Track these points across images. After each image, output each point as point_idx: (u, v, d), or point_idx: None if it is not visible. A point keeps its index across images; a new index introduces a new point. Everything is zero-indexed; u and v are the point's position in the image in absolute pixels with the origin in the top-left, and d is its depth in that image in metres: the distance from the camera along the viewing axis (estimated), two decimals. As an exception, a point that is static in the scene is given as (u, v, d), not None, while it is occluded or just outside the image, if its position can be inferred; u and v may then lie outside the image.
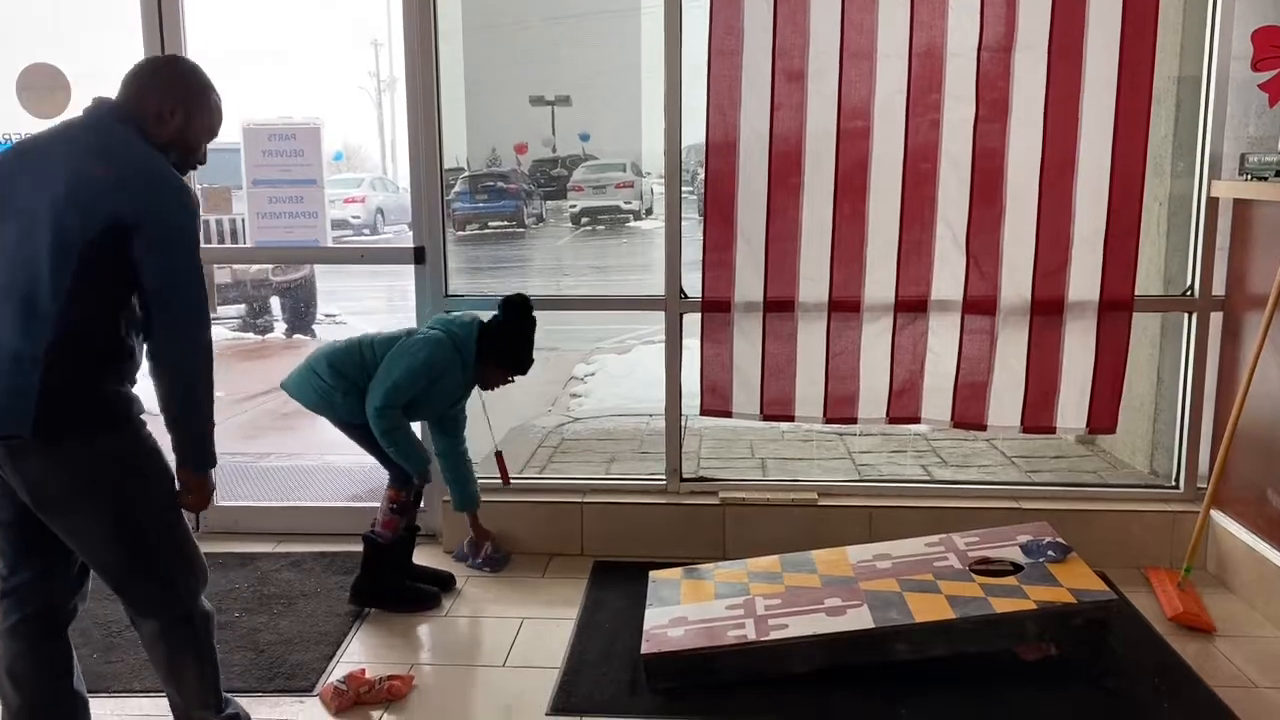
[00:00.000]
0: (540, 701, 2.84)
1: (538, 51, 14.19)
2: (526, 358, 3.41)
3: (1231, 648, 3.12)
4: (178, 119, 2.23)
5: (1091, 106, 3.39)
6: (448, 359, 3.30)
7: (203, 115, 2.28)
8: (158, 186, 2.12)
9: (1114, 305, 3.50)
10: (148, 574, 2.22)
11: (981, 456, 5.03)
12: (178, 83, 2.27)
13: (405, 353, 3.27)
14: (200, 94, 2.28)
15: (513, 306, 3.39)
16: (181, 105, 2.23)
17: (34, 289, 2.03)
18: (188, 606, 2.29)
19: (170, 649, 2.29)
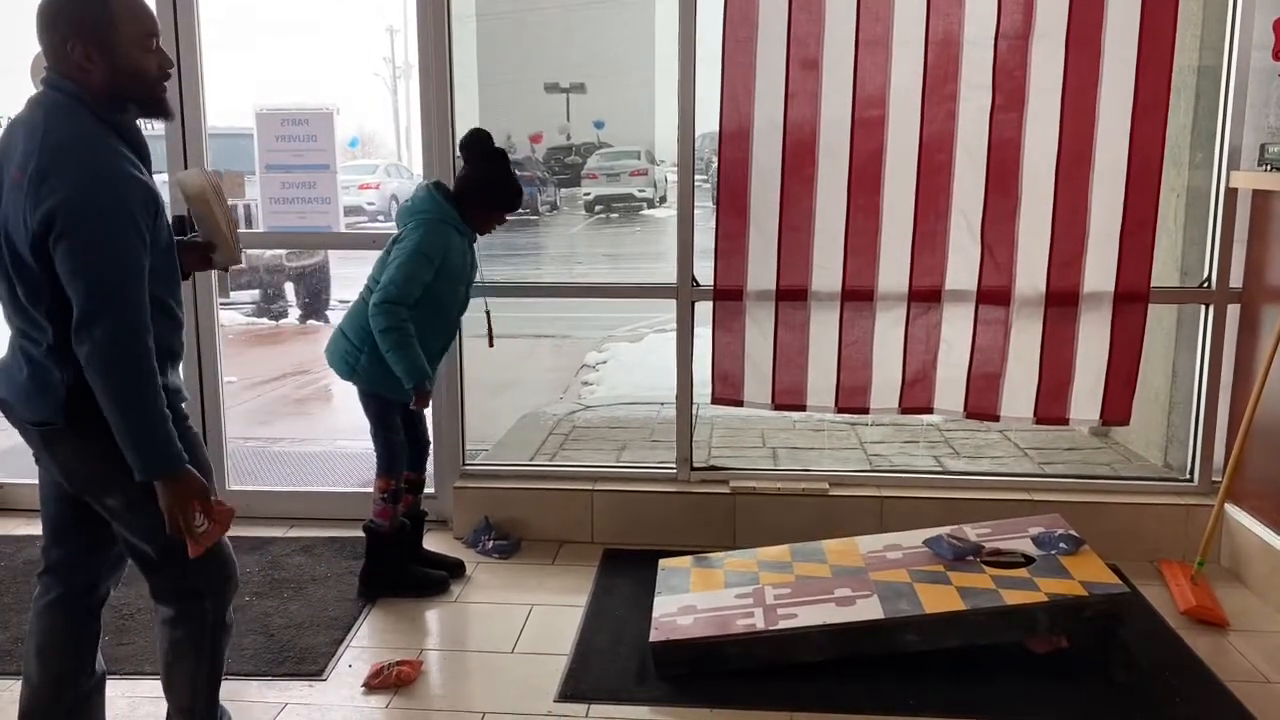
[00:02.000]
0: (549, 688, 2.85)
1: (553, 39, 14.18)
2: (510, 187, 3.31)
3: (1244, 642, 3.10)
4: (96, 59, 1.94)
5: (1109, 96, 3.35)
6: (442, 229, 3.21)
7: (116, 33, 1.95)
8: (61, 178, 1.88)
9: (1130, 297, 3.47)
10: (172, 561, 2.15)
11: (994, 448, 5.01)
12: (65, 14, 1.95)
13: (399, 254, 3.18)
14: (96, 11, 1.94)
15: (474, 145, 3.27)
16: (84, 40, 1.93)
17: (19, 289, 2.00)
18: (204, 604, 2.23)
19: (173, 640, 2.24)
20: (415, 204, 3.30)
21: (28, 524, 4.02)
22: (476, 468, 4.06)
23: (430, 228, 3.20)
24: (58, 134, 1.93)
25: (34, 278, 1.96)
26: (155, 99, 2.05)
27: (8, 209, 1.96)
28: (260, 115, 3.90)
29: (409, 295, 3.13)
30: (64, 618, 2.27)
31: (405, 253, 3.16)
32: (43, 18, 1.97)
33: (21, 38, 3.77)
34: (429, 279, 3.17)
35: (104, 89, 1.97)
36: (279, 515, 4.03)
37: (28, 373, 2.05)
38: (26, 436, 2.14)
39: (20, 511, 4.14)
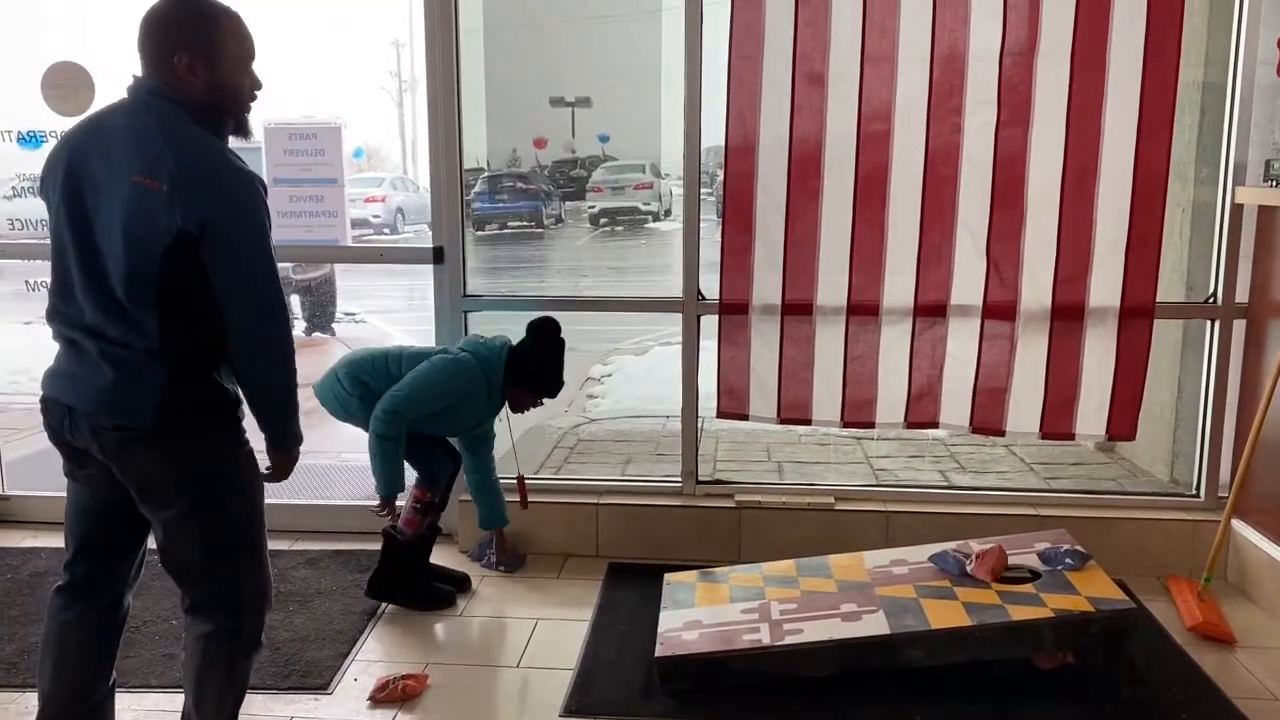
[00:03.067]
0: (554, 702, 2.84)
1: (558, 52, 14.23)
2: (557, 381, 3.45)
3: (1252, 659, 3.09)
4: (199, 72, 2.05)
5: (1114, 112, 3.36)
6: (472, 382, 3.32)
7: (224, 50, 2.08)
8: (216, 190, 2.00)
9: (1135, 312, 3.47)
10: (219, 577, 2.20)
11: (1000, 462, 5.00)
12: (177, 27, 2.05)
13: (430, 370, 3.29)
14: (209, 27, 2.06)
15: (542, 330, 3.42)
16: (191, 53, 2.04)
17: (121, 291, 2.01)
18: (241, 621, 2.24)
19: (207, 656, 2.23)
20: (484, 344, 3.42)
21: (34, 536, 4.03)
22: (482, 481, 4.05)
23: (469, 375, 3.32)
24: (190, 143, 2.01)
25: (150, 282, 1.99)
26: (242, 117, 2.16)
27: (125, 214, 1.98)
28: (268, 129, 3.92)
29: (411, 410, 3.24)
30: (89, 632, 2.27)
31: (430, 373, 3.28)
32: (150, 27, 2.06)
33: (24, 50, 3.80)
34: (439, 407, 3.31)
35: (201, 102, 2.06)
36: (284, 528, 4.02)
37: (114, 376, 2.04)
38: (93, 442, 2.10)
39: (27, 524, 4.15)
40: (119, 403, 2.05)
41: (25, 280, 4.24)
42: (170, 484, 2.12)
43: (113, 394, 2.05)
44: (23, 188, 4.11)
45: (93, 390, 2.07)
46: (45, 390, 2.16)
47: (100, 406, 2.07)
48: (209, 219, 1.98)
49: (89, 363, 2.07)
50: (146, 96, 2.06)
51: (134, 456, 2.09)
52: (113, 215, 2.00)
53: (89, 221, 2.04)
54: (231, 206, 2.01)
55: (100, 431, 2.08)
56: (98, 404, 2.07)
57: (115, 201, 2.00)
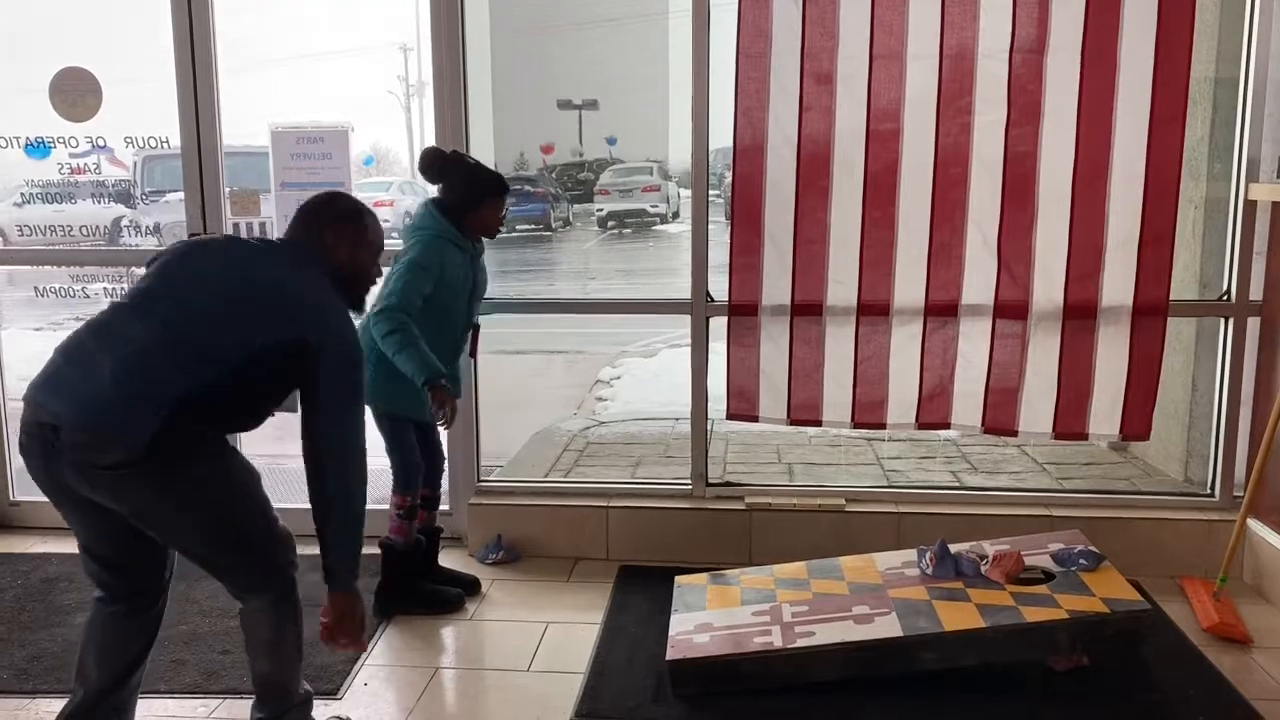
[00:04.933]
0: (565, 706, 2.83)
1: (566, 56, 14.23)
2: (489, 178, 3.32)
3: (1268, 659, 3.06)
4: (341, 249, 2.44)
5: (1126, 109, 3.34)
6: (435, 246, 3.23)
7: (363, 238, 2.50)
8: (335, 322, 2.32)
9: (1148, 310, 3.45)
10: (249, 566, 2.36)
11: (1012, 463, 4.97)
12: (330, 213, 2.49)
13: (398, 267, 3.21)
14: (355, 219, 2.50)
15: (433, 165, 3.32)
16: (337, 233, 2.45)
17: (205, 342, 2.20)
18: (288, 582, 2.41)
19: (275, 621, 2.40)
20: (416, 220, 3.34)
21: (43, 541, 4.04)
22: (491, 484, 4.05)
23: (427, 243, 3.24)
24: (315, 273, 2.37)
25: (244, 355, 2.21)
26: (360, 295, 2.56)
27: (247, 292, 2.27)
28: (275, 133, 3.92)
29: (408, 304, 3.15)
30: (133, 623, 2.38)
31: (401, 266, 3.21)
32: (313, 208, 2.49)
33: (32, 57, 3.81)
34: (427, 290, 3.19)
35: (334, 269, 2.41)
36: (294, 533, 4.00)
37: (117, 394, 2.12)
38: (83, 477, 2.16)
39: (36, 529, 4.16)
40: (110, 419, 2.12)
41: (35, 286, 4.25)
42: (167, 511, 2.23)
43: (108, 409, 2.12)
44: (32, 194, 4.12)
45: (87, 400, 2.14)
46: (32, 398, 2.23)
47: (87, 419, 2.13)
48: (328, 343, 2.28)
49: (92, 374, 2.17)
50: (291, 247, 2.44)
51: (125, 491, 2.17)
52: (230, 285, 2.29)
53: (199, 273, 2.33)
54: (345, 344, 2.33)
55: (86, 469, 2.15)
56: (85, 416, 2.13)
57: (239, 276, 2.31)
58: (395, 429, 3.33)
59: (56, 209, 4.12)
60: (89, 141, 4.00)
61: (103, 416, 2.10)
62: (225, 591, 2.43)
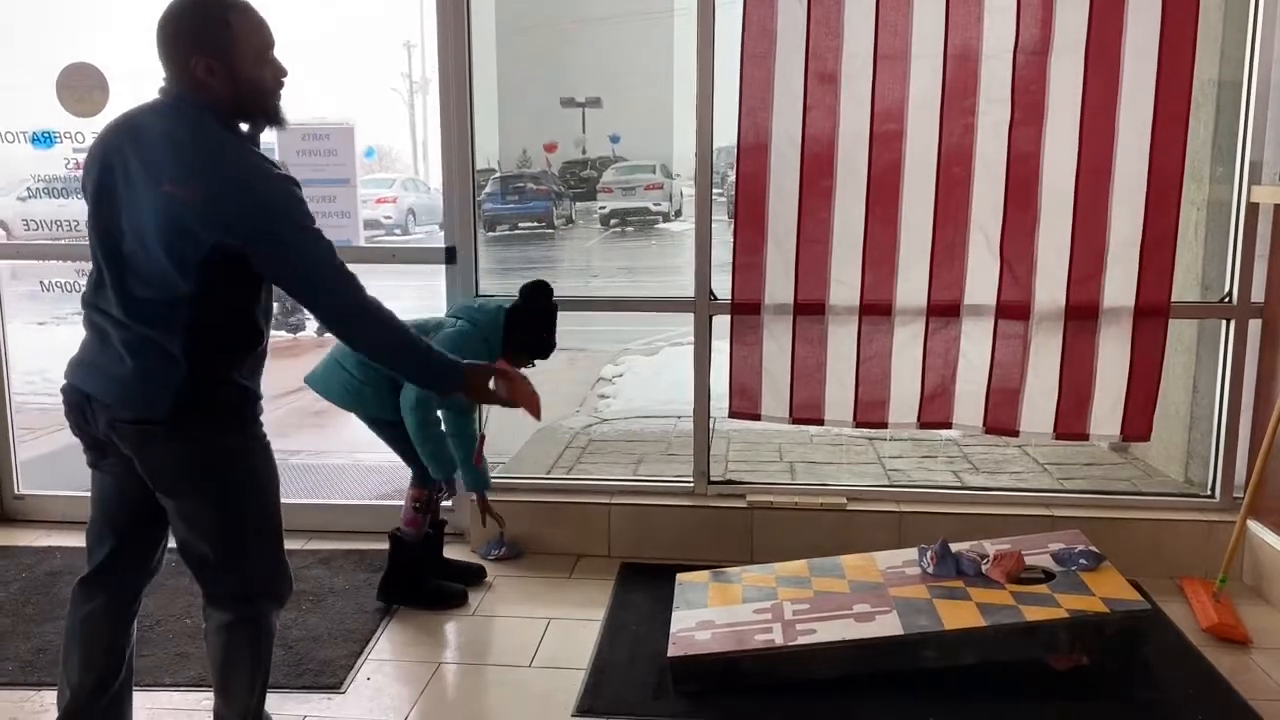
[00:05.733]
0: (566, 702, 2.84)
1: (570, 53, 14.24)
2: (550, 342, 3.40)
3: (1267, 660, 3.07)
4: (218, 74, 2.04)
5: (1129, 110, 3.34)
6: (475, 349, 3.26)
7: (238, 48, 2.05)
8: (250, 203, 2.01)
9: (1150, 311, 3.45)
10: (234, 569, 2.23)
11: (1013, 463, 4.98)
12: (186, 31, 2.04)
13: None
14: (218, 27, 2.04)
15: (535, 293, 3.37)
16: (206, 55, 2.03)
17: (149, 291, 2.04)
18: (259, 611, 2.28)
19: (230, 646, 2.28)
20: (480, 309, 3.39)
21: (48, 535, 4.05)
22: (493, 481, 4.05)
23: (472, 344, 3.24)
24: (221, 155, 2.03)
25: (181, 288, 2.01)
26: (271, 110, 2.15)
27: (150, 218, 2.00)
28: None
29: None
30: (109, 625, 2.30)
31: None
32: (164, 34, 2.06)
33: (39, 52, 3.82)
34: None
35: (226, 102, 2.07)
36: (297, 528, 4.00)
37: (134, 368, 2.06)
38: (110, 433, 2.13)
39: (41, 523, 4.17)
40: (137, 394, 2.07)
41: (40, 281, 4.26)
42: (185, 477, 2.15)
43: (131, 385, 2.07)
44: (37, 189, 4.13)
45: (112, 380, 2.09)
46: (67, 378, 2.19)
47: (119, 397, 2.09)
48: (247, 230, 2.00)
49: (111, 353, 2.10)
50: (176, 102, 2.07)
51: (150, 449, 2.12)
52: (145, 218, 2.02)
53: (119, 218, 2.06)
54: (268, 213, 2.02)
55: (117, 424, 2.11)
56: (116, 395, 2.09)
57: (146, 205, 2.02)
58: (399, 431, 3.35)
59: (61, 204, 4.13)
60: (95, 137, 4.00)
61: (130, 400, 2.08)
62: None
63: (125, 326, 2.07)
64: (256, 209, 2.01)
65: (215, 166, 2.01)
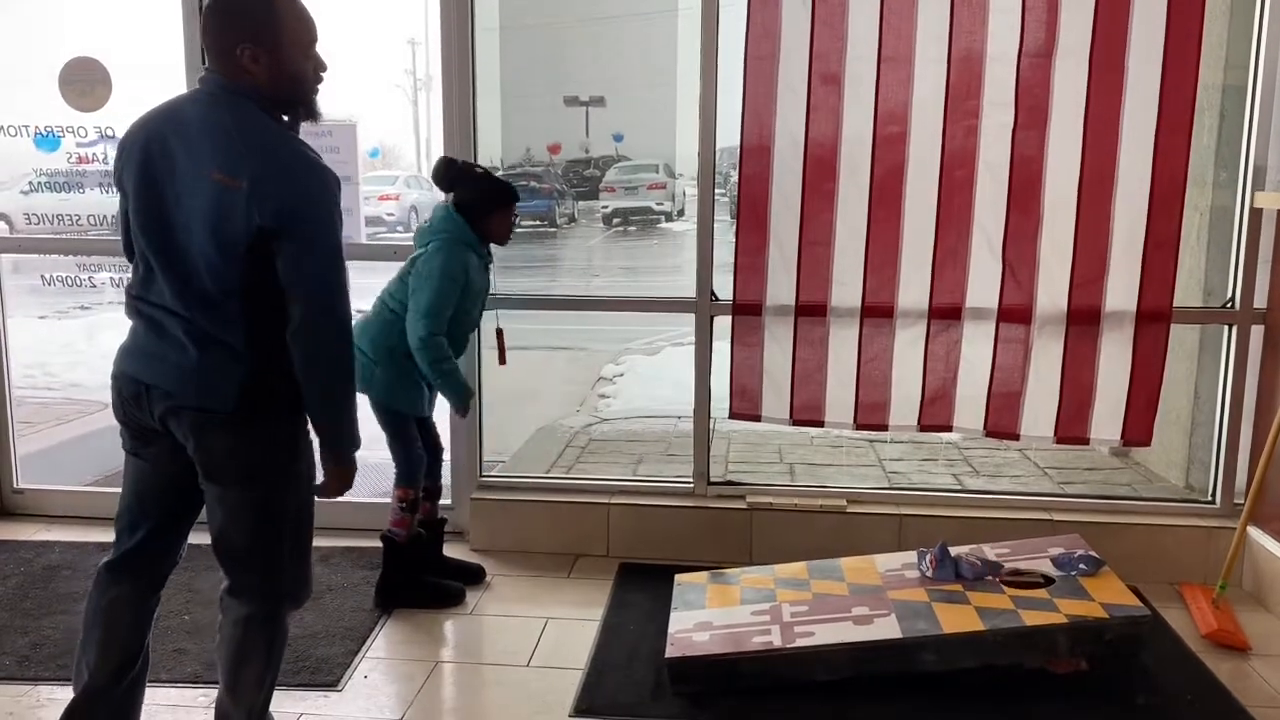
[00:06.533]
0: (564, 702, 2.84)
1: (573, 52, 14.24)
2: (502, 188, 3.35)
3: (1267, 667, 3.06)
4: (263, 62, 2.06)
5: (1133, 115, 3.34)
6: (459, 253, 3.25)
7: (286, 38, 2.08)
8: (292, 186, 2.03)
9: (1152, 316, 3.45)
10: (265, 564, 2.24)
11: (1013, 467, 4.98)
12: (236, 19, 2.06)
13: (424, 277, 3.22)
14: (268, 17, 2.06)
15: (446, 174, 3.34)
16: (253, 44, 2.05)
17: (207, 282, 2.05)
18: (280, 609, 2.30)
19: (246, 641, 2.28)
20: (435, 224, 3.33)
21: (47, 529, 4.05)
22: (493, 480, 4.06)
23: (451, 248, 3.24)
24: (266, 140, 2.05)
25: (234, 276, 2.03)
26: (310, 102, 2.17)
27: (203, 208, 2.01)
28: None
29: (444, 323, 3.21)
30: (131, 611, 2.31)
31: (433, 277, 3.20)
32: (212, 20, 2.08)
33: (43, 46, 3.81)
34: (456, 300, 3.23)
35: (267, 91, 2.08)
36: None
37: (199, 358, 2.07)
38: (169, 420, 2.13)
39: (40, 517, 4.17)
40: (203, 385, 2.08)
41: (41, 275, 4.26)
42: (239, 466, 2.16)
43: (197, 376, 2.08)
44: (39, 183, 4.13)
45: (176, 369, 2.09)
46: (120, 366, 2.19)
47: (183, 387, 2.09)
48: (284, 214, 2.01)
49: (172, 342, 2.09)
50: (218, 90, 2.08)
51: (209, 437, 2.13)
52: (193, 209, 2.03)
53: (168, 211, 2.06)
54: (306, 203, 2.04)
55: (179, 411, 2.11)
56: (181, 383, 2.09)
57: (195, 195, 2.02)
58: (397, 422, 3.35)
59: (63, 198, 4.13)
60: (97, 131, 4.01)
61: (196, 390, 2.09)
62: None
63: (183, 318, 2.07)
64: (298, 194, 2.03)
65: (262, 151, 2.03)
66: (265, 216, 1.99)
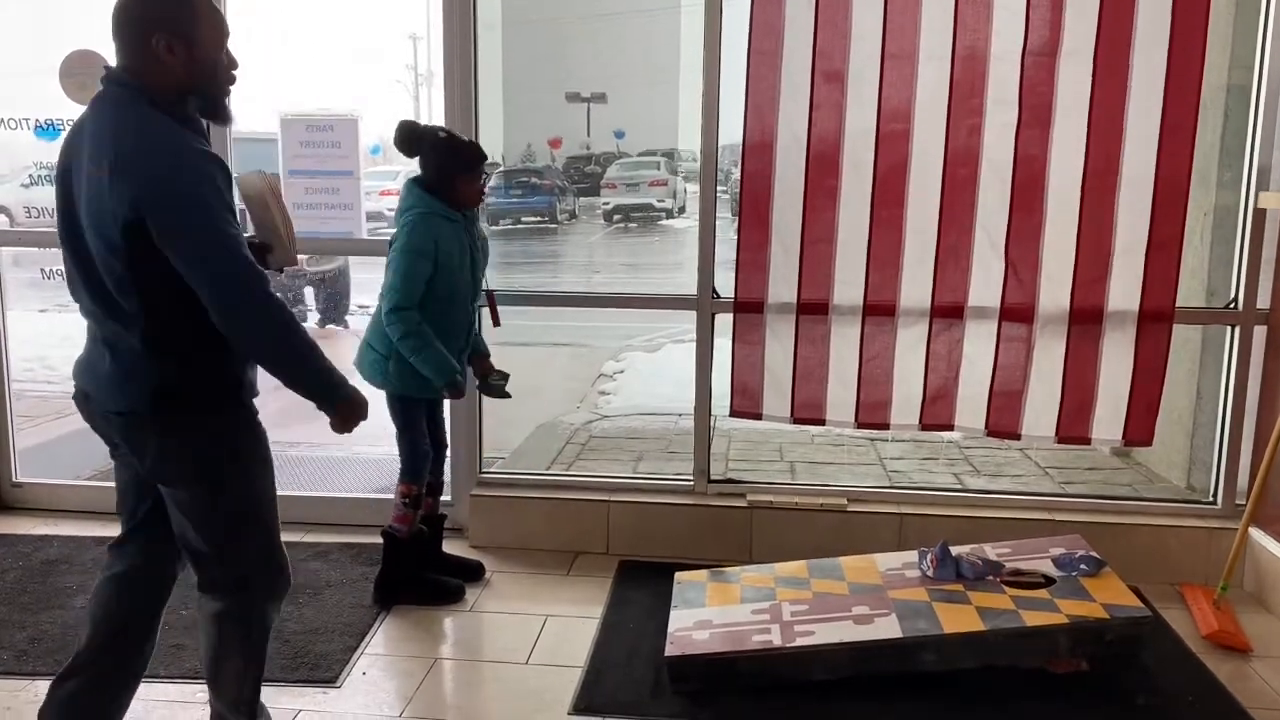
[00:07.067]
0: (563, 700, 2.83)
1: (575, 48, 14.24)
2: (468, 152, 3.30)
3: (1267, 668, 3.06)
4: (178, 53, 2.02)
5: (1137, 114, 3.32)
6: (427, 221, 3.21)
7: (201, 29, 2.05)
8: (149, 173, 1.96)
9: (1154, 316, 3.44)
10: (226, 558, 2.22)
11: (1014, 466, 4.97)
12: (153, 8, 2.04)
13: (391, 258, 3.22)
14: (182, 7, 2.04)
15: (408, 140, 3.28)
16: (168, 34, 2.01)
17: (108, 283, 2.05)
18: (252, 603, 2.28)
19: (220, 636, 2.27)
20: (401, 202, 3.32)
21: (45, 523, 4.04)
22: (493, 476, 4.05)
23: (415, 224, 3.22)
24: (132, 126, 1.99)
25: (124, 271, 2.01)
26: (219, 98, 2.14)
27: (89, 206, 2.01)
28: (285, 120, 3.92)
29: (413, 296, 3.16)
30: (125, 594, 2.31)
31: (397, 253, 3.21)
32: (125, 11, 2.05)
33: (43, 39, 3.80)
34: (428, 274, 3.18)
35: (176, 82, 2.04)
36: (295, 520, 4.01)
37: (111, 362, 2.09)
38: (107, 426, 2.18)
39: (39, 511, 4.16)
40: (116, 388, 2.11)
41: (40, 268, 4.25)
42: (173, 466, 2.16)
43: (110, 380, 2.11)
44: (39, 175, 4.12)
45: (99, 377, 2.14)
46: (74, 377, 2.23)
47: (102, 391, 2.14)
48: (142, 200, 1.94)
49: (97, 348, 2.15)
50: (111, 88, 2.06)
51: (139, 439, 2.15)
52: (86, 209, 2.03)
53: (76, 217, 2.07)
54: (165, 188, 1.96)
55: (109, 416, 2.15)
56: (99, 388, 2.14)
57: (84, 194, 2.03)
58: (408, 412, 3.34)
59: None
60: None
61: (112, 394, 2.12)
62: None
63: (101, 322, 2.11)
64: (154, 177, 1.96)
65: (122, 138, 1.98)
66: (124, 203, 1.94)
